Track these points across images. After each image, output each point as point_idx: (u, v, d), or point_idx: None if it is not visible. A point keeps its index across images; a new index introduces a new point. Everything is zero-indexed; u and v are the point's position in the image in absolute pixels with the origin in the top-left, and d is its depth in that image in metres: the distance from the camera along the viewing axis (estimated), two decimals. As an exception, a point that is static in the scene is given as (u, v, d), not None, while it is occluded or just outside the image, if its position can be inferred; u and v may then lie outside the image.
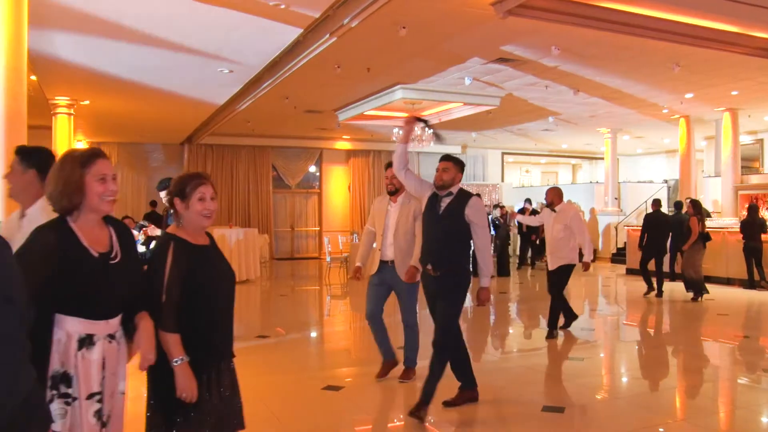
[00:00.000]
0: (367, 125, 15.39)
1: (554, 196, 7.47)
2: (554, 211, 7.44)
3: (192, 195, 2.65)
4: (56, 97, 11.41)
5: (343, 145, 19.87)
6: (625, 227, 16.07)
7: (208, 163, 18.41)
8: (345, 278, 14.02)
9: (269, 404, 4.92)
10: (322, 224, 19.67)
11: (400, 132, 5.03)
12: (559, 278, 7.36)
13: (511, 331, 8.66)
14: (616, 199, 18.02)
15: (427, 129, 5.36)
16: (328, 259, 14.51)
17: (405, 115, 13.92)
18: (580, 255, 7.39)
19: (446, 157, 4.68)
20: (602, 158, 19.43)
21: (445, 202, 4.59)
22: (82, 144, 16.84)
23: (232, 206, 18.66)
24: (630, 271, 14.38)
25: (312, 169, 20.01)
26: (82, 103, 11.75)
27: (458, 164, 4.66)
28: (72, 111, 11.72)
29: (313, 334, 8.32)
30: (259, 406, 4.81)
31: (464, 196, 4.58)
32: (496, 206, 15.61)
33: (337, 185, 20.09)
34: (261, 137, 18.23)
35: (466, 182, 20.74)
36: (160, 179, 6.92)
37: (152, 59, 8.90)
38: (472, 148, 21.26)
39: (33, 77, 9.45)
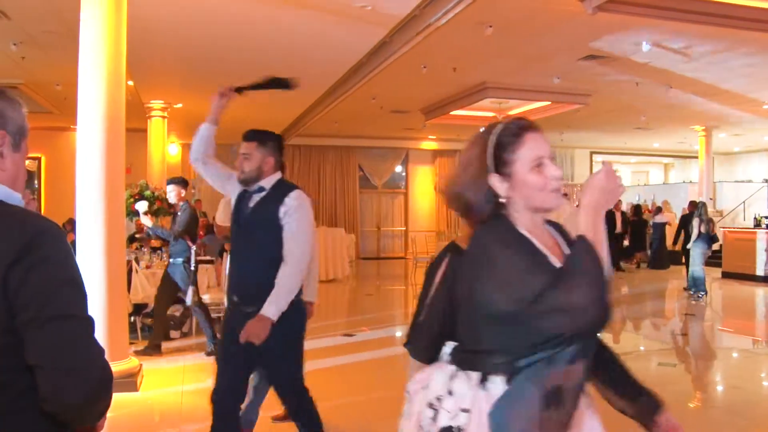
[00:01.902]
0: (454, 125, 15.28)
1: None
2: None
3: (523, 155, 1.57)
4: (151, 101, 11.95)
5: (429, 145, 19.82)
6: (722, 228, 15.25)
7: (296, 164, 18.79)
8: (430, 278, 13.93)
9: (356, 404, 4.98)
10: (408, 224, 19.69)
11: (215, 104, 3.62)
12: None
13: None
14: (711, 199, 17.14)
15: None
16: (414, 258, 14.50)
17: (492, 114, 13.80)
18: None
19: (248, 135, 3.45)
20: (696, 157, 18.52)
21: (254, 201, 3.24)
22: (174, 146, 17.62)
23: (319, 206, 18.97)
24: (726, 275, 13.63)
25: (398, 169, 20.03)
26: (175, 106, 12.28)
27: (267, 142, 3.36)
28: (166, 114, 12.25)
29: (398, 333, 8.37)
30: (345, 404, 4.88)
31: (281, 190, 3.22)
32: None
33: (423, 185, 20.07)
34: (348, 138, 18.42)
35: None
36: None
37: (243, 61, 9.20)
38: (559, 148, 20.77)
39: (130, 82, 9.98)
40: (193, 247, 6.53)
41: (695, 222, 10.76)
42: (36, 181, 16.59)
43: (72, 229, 7.32)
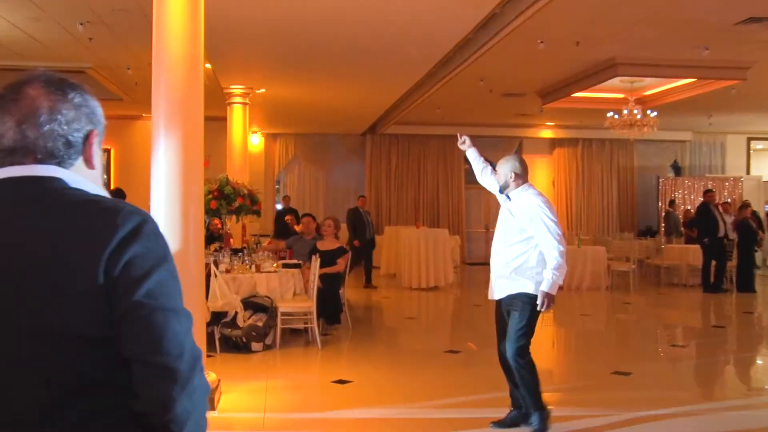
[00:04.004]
0: (576, 109, 14.90)
1: None
2: None
3: None
4: (231, 86, 12.18)
5: (546, 133, 19.45)
6: None
7: (393, 156, 18.90)
8: (547, 288, 13.65)
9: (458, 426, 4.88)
10: (521, 225, 19.35)
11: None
12: None
13: (759, 362, 7.90)
14: None
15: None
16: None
17: (622, 96, 13.36)
18: None
19: None
20: None
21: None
22: (256, 136, 18.11)
23: (419, 204, 19.00)
24: None
25: (510, 161, 19.74)
26: (257, 91, 12.54)
27: None
28: (247, 101, 12.47)
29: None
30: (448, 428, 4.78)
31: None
32: (743, 206, 14.29)
33: (540, 179, 19.66)
34: (452, 125, 18.30)
35: (698, 173, 19.35)
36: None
37: (334, 41, 9.27)
38: (706, 134, 19.76)
39: (208, 65, 10.23)
40: None
41: None
42: (105, 175, 17.50)
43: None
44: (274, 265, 8.42)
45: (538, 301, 4.65)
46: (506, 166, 5.00)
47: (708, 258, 12.95)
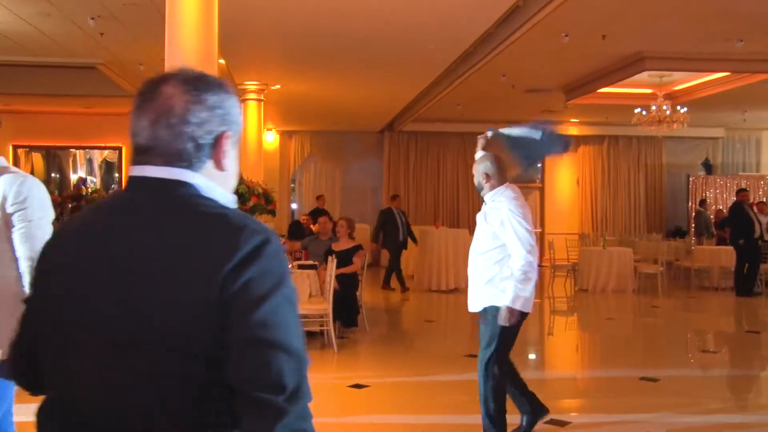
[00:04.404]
0: (602, 105, 14.83)
1: None
2: None
3: None
4: (245, 82, 12.29)
5: (571, 130, 19.30)
6: None
7: (411, 154, 18.89)
8: (572, 290, 13.63)
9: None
10: (545, 225, 19.32)
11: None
12: None
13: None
14: None
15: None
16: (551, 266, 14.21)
17: (649, 91, 13.27)
18: None
19: None
20: None
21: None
22: (271, 133, 18.16)
23: (438, 203, 18.99)
24: None
25: (532, 159, 19.69)
26: (272, 87, 12.60)
27: None
28: (262, 97, 12.57)
29: (532, 356, 8.19)
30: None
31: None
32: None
33: (563, 178, 19.62)
34: (472, 123, 18.24)
35: (731, 172, 19.17)
36: None
37: (351, 36, 9.28)
38: (740, 130, 19.58)
39: (221, 61, 10.28)
40: None
41: None
42: (117, 174, 17.65)
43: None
44: (289, 266, 8.45)
45: (499, 316, 4.38)
46: (479, 166, 4.70)
47: (742, 260, 12.82)
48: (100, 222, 1.40)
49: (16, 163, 16.91)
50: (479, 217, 4.67)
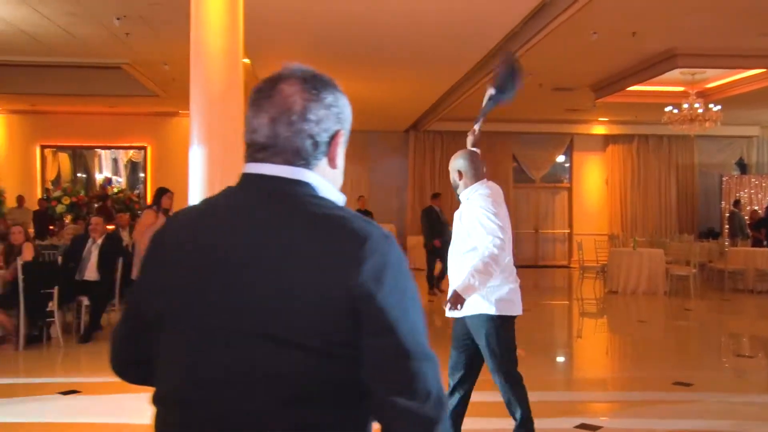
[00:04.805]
0: (631, 104, 14.71)
1: None
2: None
3: None
4: (269, 81, 12.33)
5: (599, 129, 19.23)
6: None
7: (437, 153, 18.86)
8: (601, 292, 13.51)
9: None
10: (573, 226, 19.20)
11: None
12: None
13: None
14: None
15: None
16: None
17: (681, 89, 13.13)
18: None
19: None
20: None
21: None
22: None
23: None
24: None
25: (560, 158, 19.64)
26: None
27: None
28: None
29: (560, 359, 8.14)
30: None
31: None
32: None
33: (592, 178, 19.50)
34: (499, 122, 18.24)
35: (767, 172, 18.90)
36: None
37: (377, 35, 9.29)
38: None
39: (246, 60, 10.34)
40: None
41: None
42: (142, 173, 17.81)
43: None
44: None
45: (446, 300, 4.12)
46: (452, 164, 4.50)
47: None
48: (218, 217, 1.44)
49: (43, 163, 17.16)
50: (456, 216, 4.43)
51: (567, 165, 19.75)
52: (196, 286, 1.37)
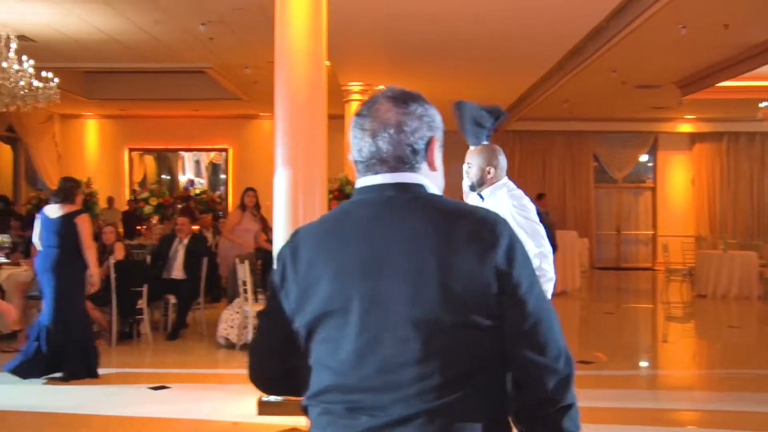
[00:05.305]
0: (721, 100, 14.28)
1: None
2: None
3: None
4: (349, 84, 12.46)
5: (685, 127, 18.74)
6: None
7: (516, 153, 18.69)
8: (689, 295, 13.15)
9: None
10: (657, 227, 18.78)
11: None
12: None
13: None
14: None
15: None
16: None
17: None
18: None
19: None
20: None
21: None
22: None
23: (544, 204, 18.69)
24: None
25: (644, 158, 19.24)
26: (376, 88, 12.71)
27: None
28: (365, 98, 12.62)
29: (644, 364, 7.98)
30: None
31: None
32: None
33: (677, 178, 19.03)
34: (580, 121, 18.04)
35: None
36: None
37: (456, 34, 9.28)
38: None
39: (326, 62, 10.51)
40: None
41: None
42: (222, 174, 18.26)
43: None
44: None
45: None
46: (480, 158, 4.22)
47: None
48: (363, 222, 1.61)
49: (130, 165, 17.82)
50: None
51: (650, 164, 19.32)
52: (364, 286, 1.54)
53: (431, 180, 1.68)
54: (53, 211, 6.51)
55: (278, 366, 1.72)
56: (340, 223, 1.66)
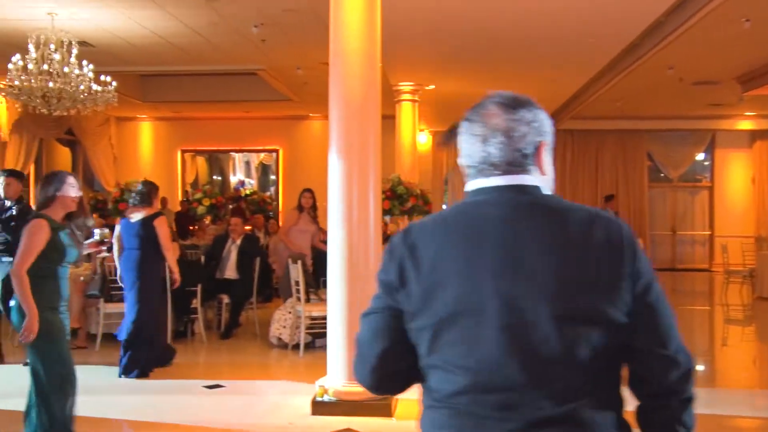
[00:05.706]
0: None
1: None
2: None
3: None
4: (400, 84, 12.40)
5: (745, 124, 18.29)
6: None
7: (568, 152, 18.49)
8: (749, 298, 12.83)
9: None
10: (715, 227, 18.37)
11: None
12: None
13: None
14: None
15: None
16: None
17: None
18: None
19: None
20: None
21: None
22: (424, 134, 18.29)
23: (596, 204, 18.44)
24: None
25: (700, 156, 18.85)
26: (426, 88, 12.69)
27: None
28: (416, 98, 12.67)
29: (701, 367, 7.82)
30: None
31: None
32: None
33: (736, 177, 18.58)
34: (633, 119, 17.75)
35: None
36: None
37: (508, 32, 9.20)
38: None
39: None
40: None
41: None
42: (273, 175, 18.40)
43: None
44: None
45: None
46: None
47: None
48: (489, 219, 1.63)
49: (183, 166, 18.09)
50: None
51: (707, 163, 18.91)
52: (501, 286, 1.55)
53: (543, 184, 1.69)
54: (133, 214, 6.80)
55: (391, 366, 1.71)
56: (464, 222, 1.67)
